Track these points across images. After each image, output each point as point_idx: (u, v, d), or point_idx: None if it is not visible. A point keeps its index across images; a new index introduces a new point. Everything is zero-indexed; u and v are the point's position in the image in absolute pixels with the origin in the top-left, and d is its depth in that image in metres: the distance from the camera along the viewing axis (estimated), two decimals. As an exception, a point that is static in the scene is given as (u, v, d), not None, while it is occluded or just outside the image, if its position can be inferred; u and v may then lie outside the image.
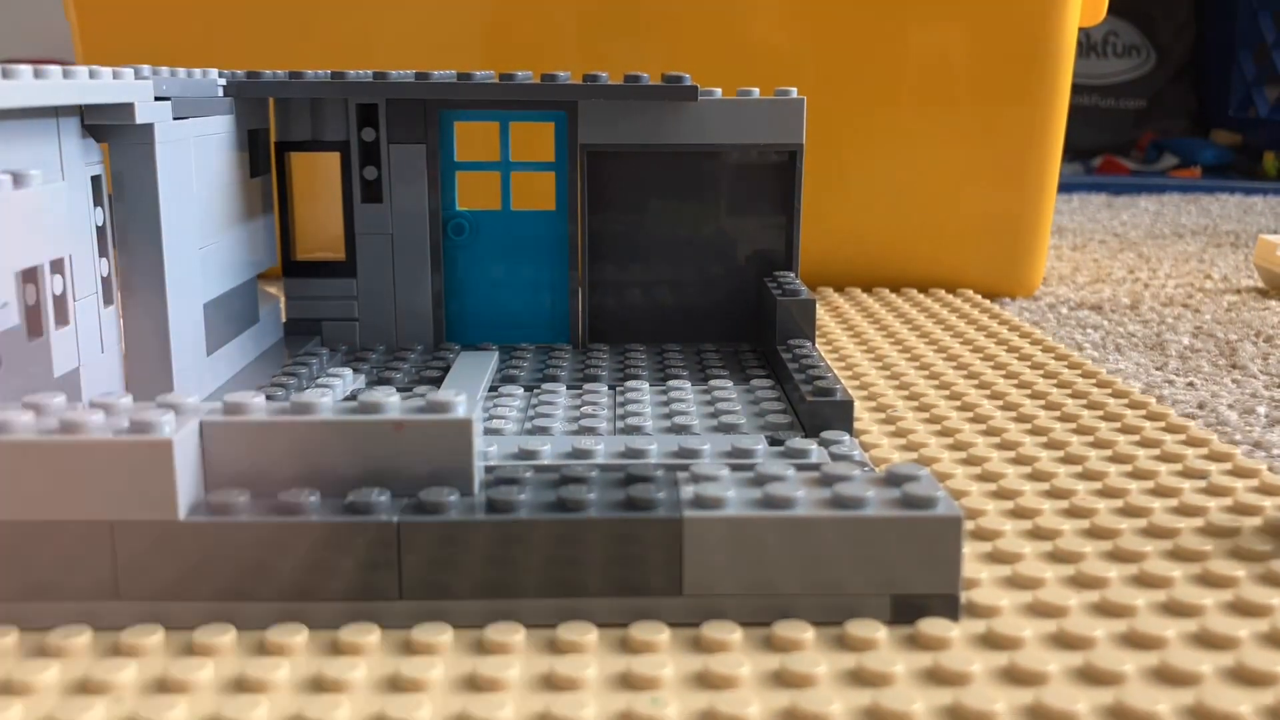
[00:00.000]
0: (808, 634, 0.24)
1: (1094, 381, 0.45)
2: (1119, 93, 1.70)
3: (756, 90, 0.46)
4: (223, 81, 0.41)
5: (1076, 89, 0.67)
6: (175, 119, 0.36)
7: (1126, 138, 1.67)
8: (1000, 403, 0.42)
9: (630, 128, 0.45)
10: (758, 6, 0.66)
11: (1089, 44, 1.68)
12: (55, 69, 0.29)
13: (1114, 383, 0.45)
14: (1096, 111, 1.67)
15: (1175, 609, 0.26)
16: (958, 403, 0.42)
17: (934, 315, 0.59)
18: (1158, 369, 0.49)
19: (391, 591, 0.24)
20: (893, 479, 0.26)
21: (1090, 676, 0.23)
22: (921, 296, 0.65)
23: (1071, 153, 1.38)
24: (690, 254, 0.47)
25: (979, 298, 0.64)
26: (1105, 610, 0.26)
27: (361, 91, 0.44)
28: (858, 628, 0.24)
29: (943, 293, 0.66)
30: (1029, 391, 0.44)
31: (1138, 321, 0.59)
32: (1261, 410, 0.43)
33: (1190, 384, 0.47)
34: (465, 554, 0.24)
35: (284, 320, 0.47)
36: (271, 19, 0.67)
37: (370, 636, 0.24)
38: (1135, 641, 0.24)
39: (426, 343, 0.47)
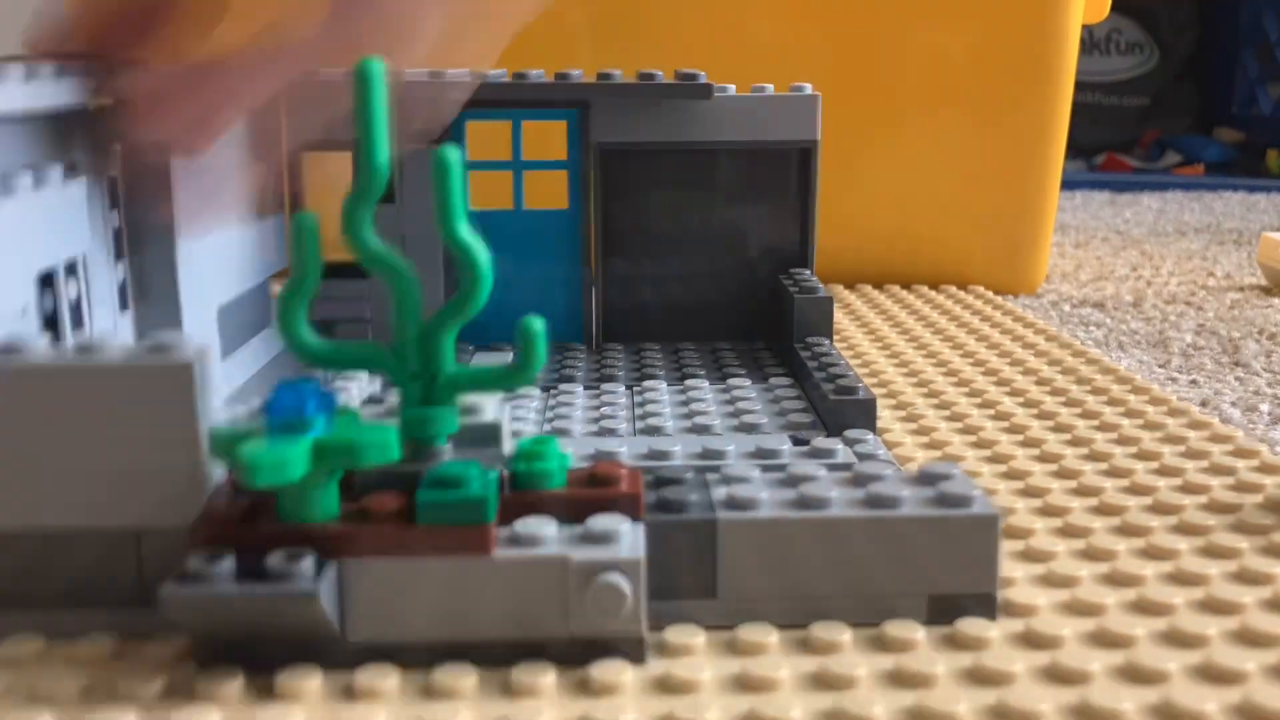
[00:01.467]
0: (845, 635, 0.24)
1: (1113, 377, 0.45)
2: (1122, 90, 1.69)
3: (770, 86, 0.45)
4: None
5: (1079, 86, 0.66)
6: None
7: (1129, 135, 1.66)
8: (1020, 399, 0.42)
9: (644, 125, 0.45)
10: (763, 4, 0.65)
11: (1092, 41, 1.67)
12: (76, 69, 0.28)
13: (1133, 378, 0.44)
14: (1099, 109, 1.66)
15: (1213, 606, 0.25)
16: (977, 399, 0.42)
17: (946, 311, 0.59)
18: (1160, 366, 0.49)
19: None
20: (926, 478, 0.26)
21: (1133, 675, 0.23)
22: (931, 293, 0.64)
23: (1074, 150, 1.36)
24: (704, 251, 0.47)
25: (989, 294, 0.64)
26: (1143, 608, 0.25)
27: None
28: (895, 628, 0.24)
29: (953, 289, 0.65)
30: (1048, 388, 0.43)
31: (1140, 319, 0.58)
32: (1265, 408, 0.42)
33: (1193, 381, 0.46)
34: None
35: (296, 323, 0.47)
36: (275, 19, 0.66)
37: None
38: (1176, 640, 0.24)
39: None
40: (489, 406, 0.26)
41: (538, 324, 0.24)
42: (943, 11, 0.64)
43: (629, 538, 0.23)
